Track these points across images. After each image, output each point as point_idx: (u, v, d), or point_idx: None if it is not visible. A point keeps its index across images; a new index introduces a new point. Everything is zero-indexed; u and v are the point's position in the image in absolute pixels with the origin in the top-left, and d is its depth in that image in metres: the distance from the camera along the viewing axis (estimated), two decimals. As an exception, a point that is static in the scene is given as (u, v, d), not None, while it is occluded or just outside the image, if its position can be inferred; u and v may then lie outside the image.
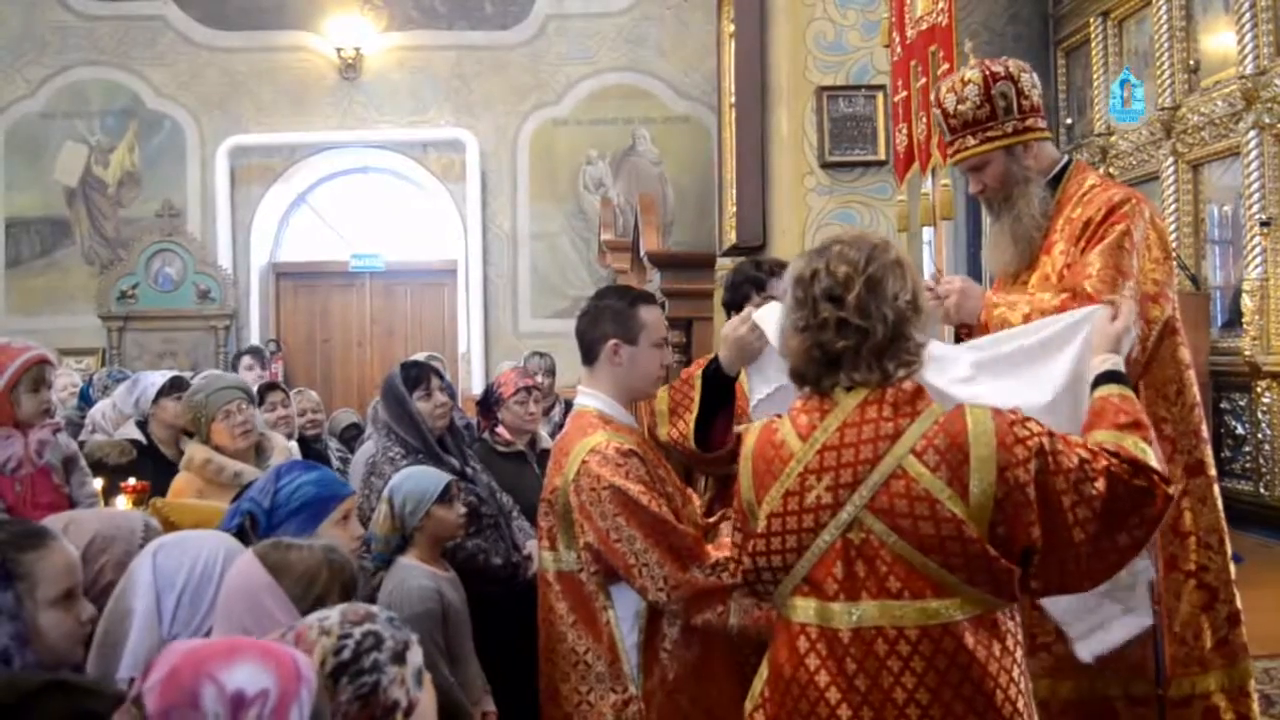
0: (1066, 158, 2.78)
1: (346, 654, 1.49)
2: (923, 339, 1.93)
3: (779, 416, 2.02)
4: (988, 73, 2.64)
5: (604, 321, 2.69)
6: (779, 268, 3.19)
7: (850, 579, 1.83)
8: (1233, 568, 2.63)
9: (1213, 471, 2.63)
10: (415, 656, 1.53)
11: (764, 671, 2.00)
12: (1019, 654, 1.86)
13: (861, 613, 1.82)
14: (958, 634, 1.79)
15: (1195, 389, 2.62)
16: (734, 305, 3.21)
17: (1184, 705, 2.50)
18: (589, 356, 2.72)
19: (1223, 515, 2.63)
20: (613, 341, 2.66)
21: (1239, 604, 2.60)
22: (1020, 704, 1.83)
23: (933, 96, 2.83)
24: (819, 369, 1.91)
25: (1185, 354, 2.61)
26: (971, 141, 2.69)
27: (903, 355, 1.89)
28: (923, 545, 1.79)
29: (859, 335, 1.87)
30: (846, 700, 1.82)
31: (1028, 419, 1.85)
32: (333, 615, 1.55)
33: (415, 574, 3.01)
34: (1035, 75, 2.72)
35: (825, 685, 1.84)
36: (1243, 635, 2.59)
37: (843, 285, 1.88)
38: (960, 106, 2.67)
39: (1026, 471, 1.77)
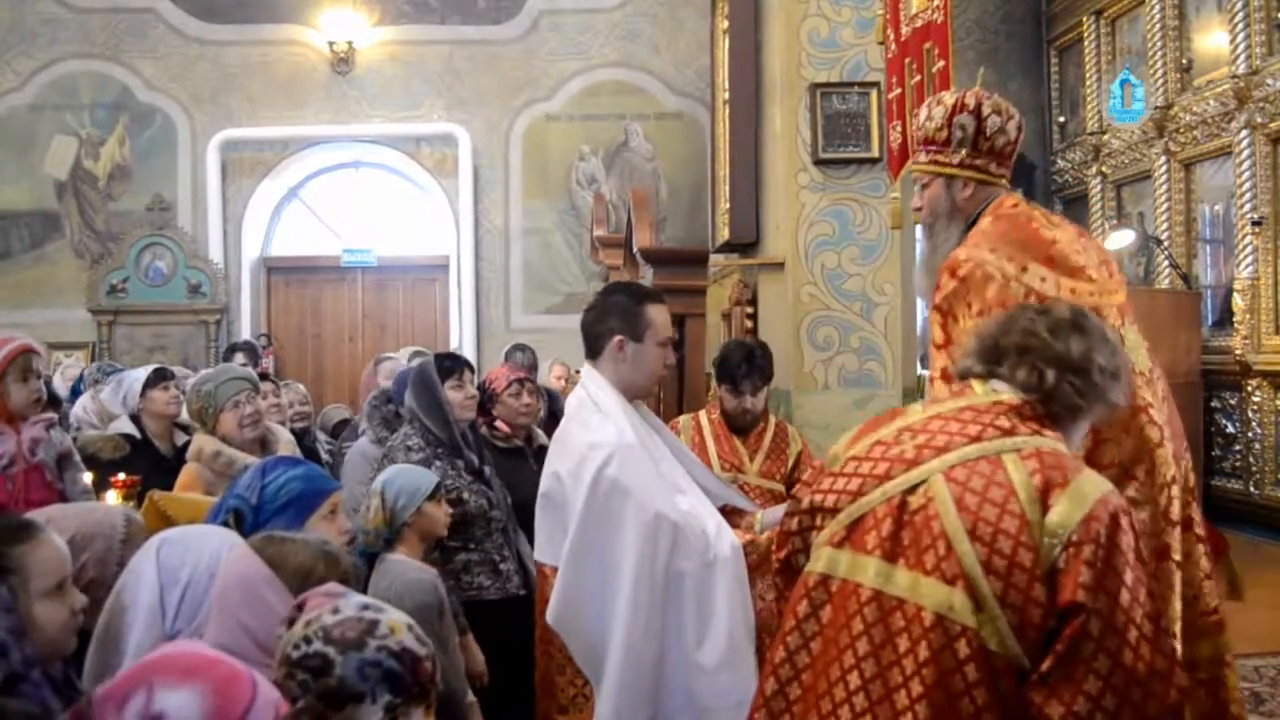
0: (988, 202, 2.67)
1: (296, 654, 1.49)
2: (1099, 407, 1.90)
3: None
4: (959, 101, 2.65)
5: (610, 317, 2.70)
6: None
7: (892, 540, 1.75)
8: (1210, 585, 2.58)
9: (1199, 531, 2.57)
10: (365, 714, 1.47)
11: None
12: None
13: (895, 578, 1.73)
14: (972, 642, 1.64)
15: (1169, 467, 2.48)
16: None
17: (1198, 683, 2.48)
18: (593, 350, 2.72)
19: (1203, 565, 2.56)
20: (618, 338, 2.66)
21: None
22: None
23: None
24: (984, 359, 1.93)
25: (1154, 433, 2.48)
26: (923, 158, 2.73)
27: (1067, 385, 1.85)
28: (974, 529, 1.67)
29: (1038, 341, 1.88)
30: (839, 658, 1.75)
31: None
32: (344, 610, 1.53)
33: (410, 568, 3.04)
34: (1013, 122, 2.64)
35: (814, 633, 1.80)
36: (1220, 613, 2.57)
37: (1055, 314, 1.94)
38: (927, 122, 2.70)
39: (1106, 529, 1.64)
